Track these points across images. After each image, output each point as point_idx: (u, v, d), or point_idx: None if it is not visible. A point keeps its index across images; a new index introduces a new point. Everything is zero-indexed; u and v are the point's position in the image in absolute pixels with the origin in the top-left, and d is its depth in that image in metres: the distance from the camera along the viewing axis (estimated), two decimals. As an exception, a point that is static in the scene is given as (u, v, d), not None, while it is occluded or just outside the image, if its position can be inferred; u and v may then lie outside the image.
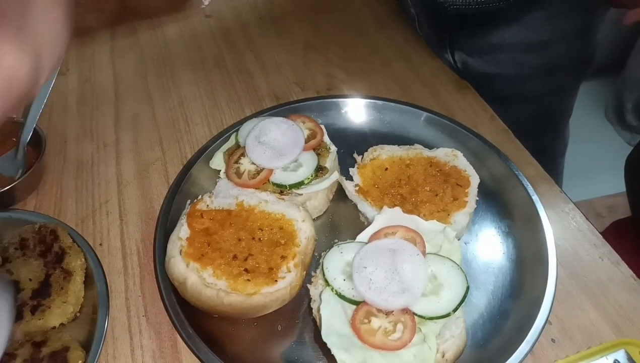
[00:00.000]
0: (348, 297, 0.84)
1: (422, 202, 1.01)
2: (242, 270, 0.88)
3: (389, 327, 0.80)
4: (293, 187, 1.03)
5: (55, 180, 1.18)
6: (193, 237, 0.92)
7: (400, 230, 0.91)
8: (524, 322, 0.87)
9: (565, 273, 0.98)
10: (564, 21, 1.35)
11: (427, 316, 0.80)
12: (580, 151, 2.66)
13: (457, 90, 1.38)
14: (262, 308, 0.87)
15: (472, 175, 1.05)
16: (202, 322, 0.90)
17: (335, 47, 1.54)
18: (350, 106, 1.26)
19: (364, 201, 1.03)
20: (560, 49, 1.39)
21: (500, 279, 0.97)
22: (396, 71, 1.45)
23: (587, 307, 0.94)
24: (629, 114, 3.38)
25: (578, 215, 1.08)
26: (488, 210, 1.08)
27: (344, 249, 0.90)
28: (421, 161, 1.08)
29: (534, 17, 1.34)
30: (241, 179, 1.04)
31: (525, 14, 1.34)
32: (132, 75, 1.47)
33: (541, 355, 0.88)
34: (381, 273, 0.83)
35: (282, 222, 0.96)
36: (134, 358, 0.90)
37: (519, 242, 1.02)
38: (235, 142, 1.12)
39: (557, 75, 1.46)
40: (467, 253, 1.01)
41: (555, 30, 1.37)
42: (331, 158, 1.10)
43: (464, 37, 1.44)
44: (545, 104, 1.52)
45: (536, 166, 1.17)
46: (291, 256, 0.91)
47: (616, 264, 1.00)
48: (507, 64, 1.43)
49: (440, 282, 0.84)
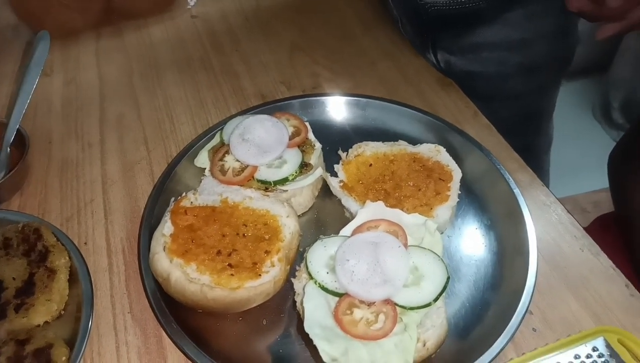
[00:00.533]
0: (331, 290, 0.85)
1: (405, 197, 1.02)
2: (226, 265, 0.88)
3: (371, 318, 0.81)
4: (277, 184, 1.04)
5: (40, 180, 1.18)
6: (177, 234, 0.93)
7: (383, 223, 0.92)
8: (505, 312, 0.88)
9: (546, 265, 1.00)
10: (544, 20, 1.38)
11: (408, 306, 0.81)
12: (568, 149, 2.69)
13: (441, 88, 1.40)
14: (247, 302, 0.87)
15: (454, 169, 1.07)
16: (187, 318, 0.90)
17: (321, 47, 1.55)
18: (335, 104, 1.27)
19: (348, 196, 1.04)
20: (540, 48, 1.42)
21: (482, 271, 0.98)
22: (381, 71, 1.46)
23: (567, 297, 0.95)
24: (615, 112, 3.43)
25: (559, 208, 1.10)
26: (470, 204, 1.09)
27: (327, 243, 0.91)
28: (405, 157, 1.10)
29: (514, 16, 1.36)
30: (226, 176, 1.04)
31: (506, 13, 1.36)
32: (117, 76, 1.47)
33: (522, 344, 0.89)
34: (363, 266, 0.84)
35: (267, 217, 0.97)
36: (119, 354, 0.90)
37: (501, 234, 1.03)
38: (219, 140, 1.13)
39: (538, 74, 1.48)
40: (450, 246, 1.02)
41: (535, 29, 1.39)
42: (316, 155, 1.11)
43: (446, 37, 1.46)
44: (527, 102, 1.55)
45: (518, 160, 1.18)
46: (275, 251, 0.91)
47: (596, 255, 1.02)
48: (489, 63, 1.45)
49: (422, 273, 0.85)
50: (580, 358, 0.84)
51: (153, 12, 1.67)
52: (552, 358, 0.85)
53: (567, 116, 3.35)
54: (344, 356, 0.77)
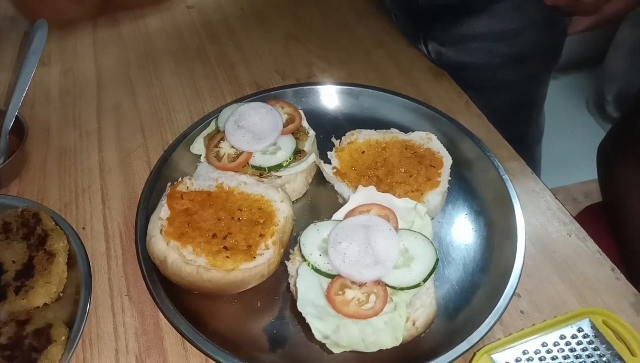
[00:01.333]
0: (323, 271, 0.87)
1: (397, 183, 1.05)
2: (222, 248, 0.90)
3: (362, 298, 0.83)
4: (272, 169, 1.06)
5: (38, 167, 1.20)
6: (173, 217, 0.95)
7: (374, 207, 0.94)
8: (494, 294, 0.91)
9: (534, 249, 1.02)
10: (532, 11, 1.40)
11: (398, 286, 0.84)
12: (562, 141, 2.72)
13: (434, 78, 1.41)
14: (241, 283, 0.90)
15: (445, 156, 1.09)
16: (183, 300, 0.93)
17: (316, 37, 1.57)
18: (328, 93, 1.29)
19: (341, 182, 1.06)
20: (529, 38, 1.44)
21: (471, 254, 1.01)
22: (375, 60, 1.48)
23: (554, 280, 0.98)
24: (609, 106, 3.46)
25: (548, 194, 1.12)
26: (461, 190, 1.11)
27: (320, 227, 0.93)
28: (397, 144, 1.12)
29: (502, 7, 1.38)
30: (221, 162, 1.06)
31: (494, 4, 1.38)
32: (114, 65, 1.49)
33: (510, 324, 0.91)
34: (355, 248, 0.86)
35: (261, 202, 0.99)
36: (117, 335, 0.92)
37: (491, 220, 1.06)
38: (215, 127, 1.15)
39: (527, 64, 1.50)
40: (440, 231, 1.05)
41: (523, 20, 1.41)
42: (309, 142, 1.13)
43: (436, 28, 1.48)
44: (518, 91, 1.57)
45: (508, 149, 1.21)
46: (269, 234, 0.93)
47: (583, 240, 1.04)
48: (479, 53, 1.47)
49: (412, 255, 0.87)
50: (565, 338, 0.87)
51: (149, 3, 1.68)
52: (539, 338, 0.87)
53: (562, 109, 3.37)
54: (335, 333, 0.79)
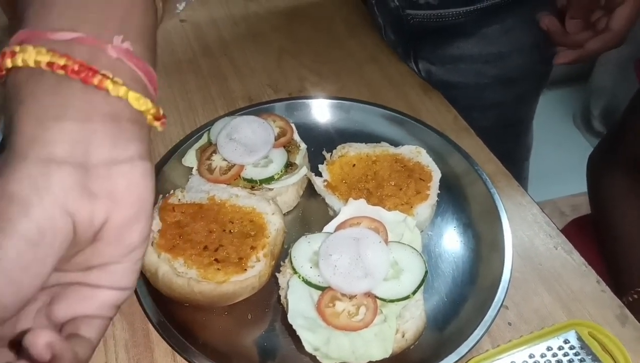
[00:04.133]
0: (314, 283, 0.88)
1: (387, 196, 1.06)
2: (213, 260, 0.91)
3: (352, 310, 0.84)
4: (264, 182, 1.07)
5: (30, 179, 1.20)
6: (165, 230, 0.95)
7: (365, 220, 0.95)
8: (482, 306, 0.92)
9: (521, 262, 1.04)
10: (520, 34, 1.43)
11: (388, 298, 0.85)
12: (549, 155, 2.76)
13: (424, 93, 1.44)
14: (232, 296, 0.90)
15: (434, 170, 1.10)
16: (174, 312, 0.93)
17: (309, 51, 1.59)
18: (320, 106, 1.31)
19: (332, 195, 1.07)
20: (517, 61, 1.47)
21: (460, 267, 1.02)
22: (367, 74, 1.50)
23: (541, 292, 0.99)
24: (595, 121, 3.52)
25: (535, 208, 1.14)
26: (449, 203, 1.13)
27: (311, 239, 0.94)
28: (387, 158, 1.13)
29: (491, 30, 1.42)
30: (213, 175, 1.07)
31: (483, 28, 1.41)
32: (107, 77, 1.49)
33: (498, 336, 0.93)
34: (345, 260, 0.87)
35: (253, 215, 1.00)
36: (106, 348, 0.92)
37: (478, 232, 1.07)
38: (207, 140, 1.16)
39: (515, 85, 1.54)
40: (429, 244, 1.06)
41: (512, 44, 1.44)
42: (301, 155, 1.14)
43: (426, 47, 1.51)
44: (505, 111, 1.60)
45: (496, 163, 1.23)
46: (260, 247, 0.94)
47: (569, 253, 1.06)
48: (467, 74, 1.50)
49: (401, 267, 0.89)
50: (552, 350, 0.88)
51: (142, 16, 1.69)
52: (526, 350, 0.88)
53: (549, 123, 3.43)
54: (325, 345, 0.80)
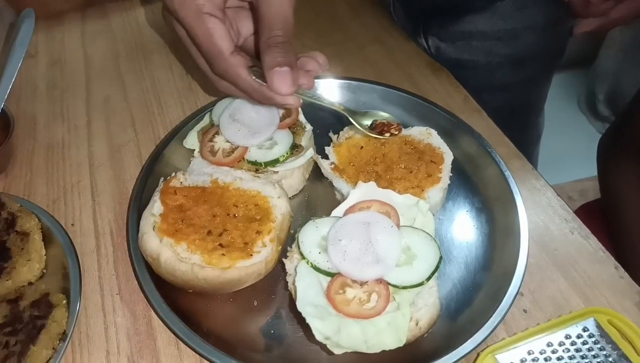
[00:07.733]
0: (323, 269, 0.84)
1: (397, 179, 1.02)
2: (217, 245, 0.87)
3: (364, 297, 0.80)
4: (268, 165, 1.03)
5: (25, 162, 1.16)
6: (166, 213, 0.91)
7: (375, 204, 0.91)
8: (496, 294, 0.89)
9: (536, 247, 1.00)
10: (534, 11, 1.38)
11: (400, 285, 0.81)
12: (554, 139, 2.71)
13: (431, 73, 1.39)
14: (238, 282, 0.86)
15: (445, 152, 1.06)
16: (177, 299, 0.89)
17: (311, 32, 1.53)
18: (326, 87, 1.26)
19: (340, 178, 1.03)
20: (529, 40, 1.42)
21: (473, 253, 0.98)
22: (371, 55, 1.45)
23: (557, 279, 0.96)
24: (600, 105, 3.47)
25: (549, 191, 1.10)
26: (462, 186, 1.09)
27: (319, 224, 0.90)
28: (396, 139, 1.09)
29: (504, 5, 1.36)
30: (215, 157, 1.03)
31: (496, 2, 1.36)
32: (103, 58, 1.44)
33: (513, 324, 0.89)
34: (356, 245, 0.84)
35: (258, 198, 0.96)
36: (107, 336, 0.89)
37: (492, 217, 1.04)
38: (209, 121, 1.11)
39: (527, 66, 1.49)
40: (441, 228, 1.02)
41: (525, 20, 1.39)
42: (306, 136, 1.10)
43: (437, 23, 1.46)
44: (516, 94, 1.55)
45: (508, 145, 1.19)
46: (266, 231, 0.90)
47: (586, 238, 1.02)
48: (478, 52, 1.45)
49: (414, 253, 0.85)
50: (571, 338, 0.85)
51: (140, -6, 1.64)
52: (544, 338, 0.85)
53: (553, 108, 3.37)
54: (336, 334, 0.77)
